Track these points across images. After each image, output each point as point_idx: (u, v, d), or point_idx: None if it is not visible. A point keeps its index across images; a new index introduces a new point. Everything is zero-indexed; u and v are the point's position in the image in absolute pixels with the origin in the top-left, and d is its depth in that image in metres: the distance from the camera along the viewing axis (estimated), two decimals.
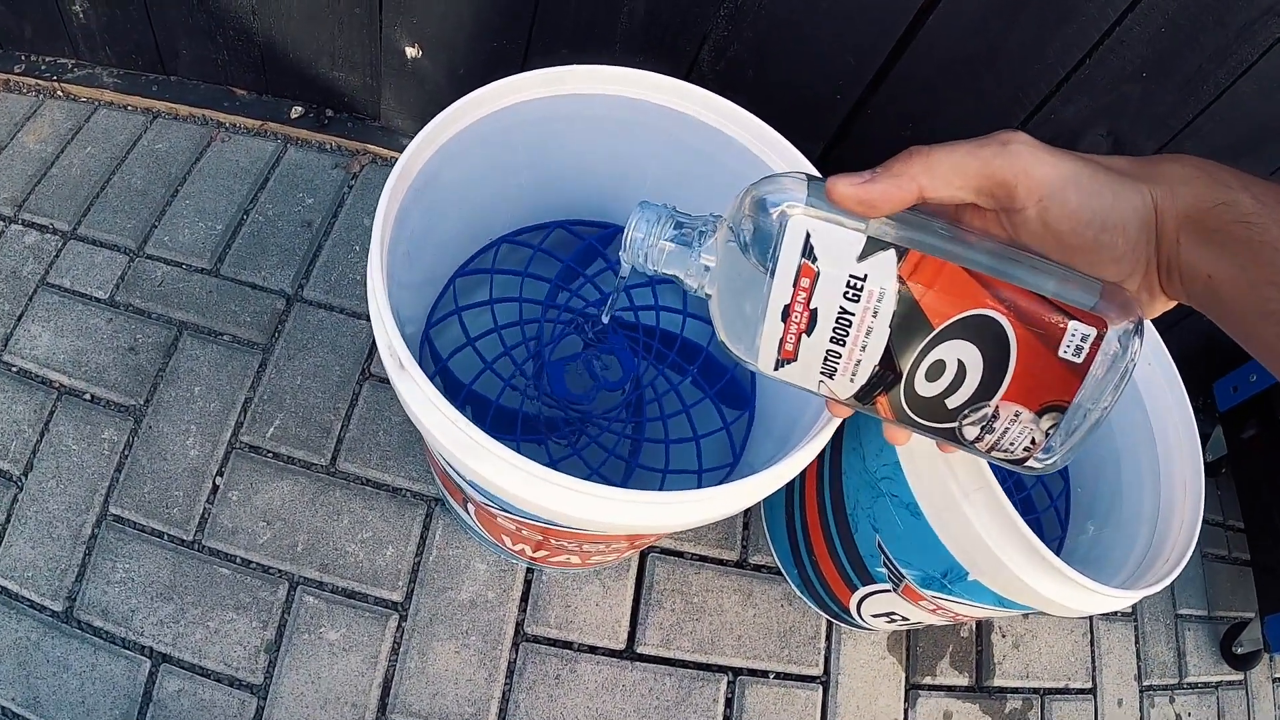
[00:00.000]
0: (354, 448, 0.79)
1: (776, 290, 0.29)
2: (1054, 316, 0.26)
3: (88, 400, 0.81)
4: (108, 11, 0.93)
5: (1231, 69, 0.77)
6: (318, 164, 0.92)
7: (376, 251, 0.46)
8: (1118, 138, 0.86)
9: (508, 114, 0.58)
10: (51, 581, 0.74)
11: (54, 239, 0.89)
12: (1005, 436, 0.29)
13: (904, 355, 0.28)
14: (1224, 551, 1.13)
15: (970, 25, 0.76)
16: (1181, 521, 0.66)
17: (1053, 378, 0.27)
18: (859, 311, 0.28)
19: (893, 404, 0.30)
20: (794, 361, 0.31)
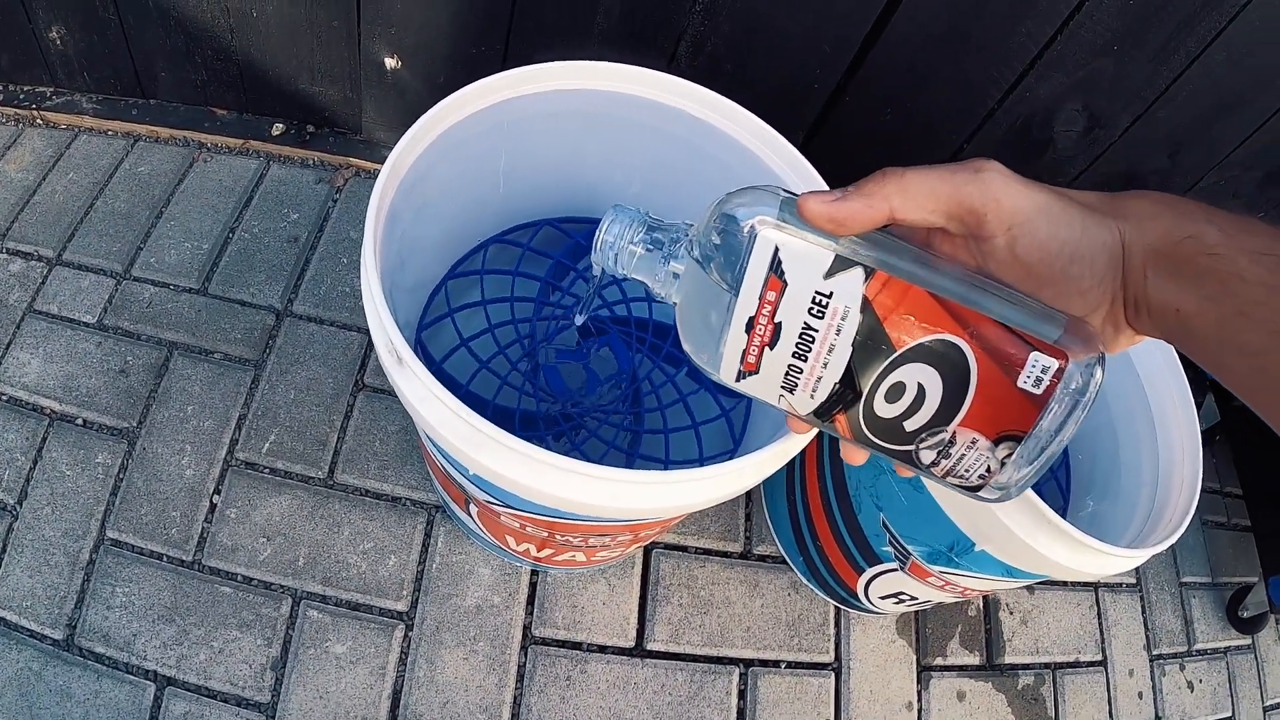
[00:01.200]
0: (351, 459, 0.78)
1: (742, 302, 0.29)
2: (1016, 346, 0.26)
3: (80, 425, 0.80)
4: (85, 37, 0.93)
5: (1201, 37, 0.78)
6: (301, 180, 0.92)
7: (370, 248, 0.46)
8: (1093, 112, 0.88)
9: (491, 113, 0.58)
10: (51, 609, 0.73)
11: (39, 266, 0.88)
12: (961, 463, 0.29)
13: (865, 375, 0.28)
14: (1223, 518, 1.13)
15: (942, 7, 0.77)
16: (1182, 482, 0.66)
17: (1011, 407, 0.27)
18: (822, 328, 0.28)
19: (851, 423, 0.30)
20: (756, 374, 0.31)
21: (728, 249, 0.29)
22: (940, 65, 0.83)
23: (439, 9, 0.78)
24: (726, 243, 0.29)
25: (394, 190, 0.51)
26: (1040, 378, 0.26)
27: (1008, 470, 0.28)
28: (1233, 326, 0.23)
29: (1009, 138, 0.89)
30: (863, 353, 0.28)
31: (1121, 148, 0.91)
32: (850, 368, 0.29)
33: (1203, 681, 0.97)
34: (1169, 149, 0.92)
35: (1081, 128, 0.89)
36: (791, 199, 0.28)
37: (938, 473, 0.30)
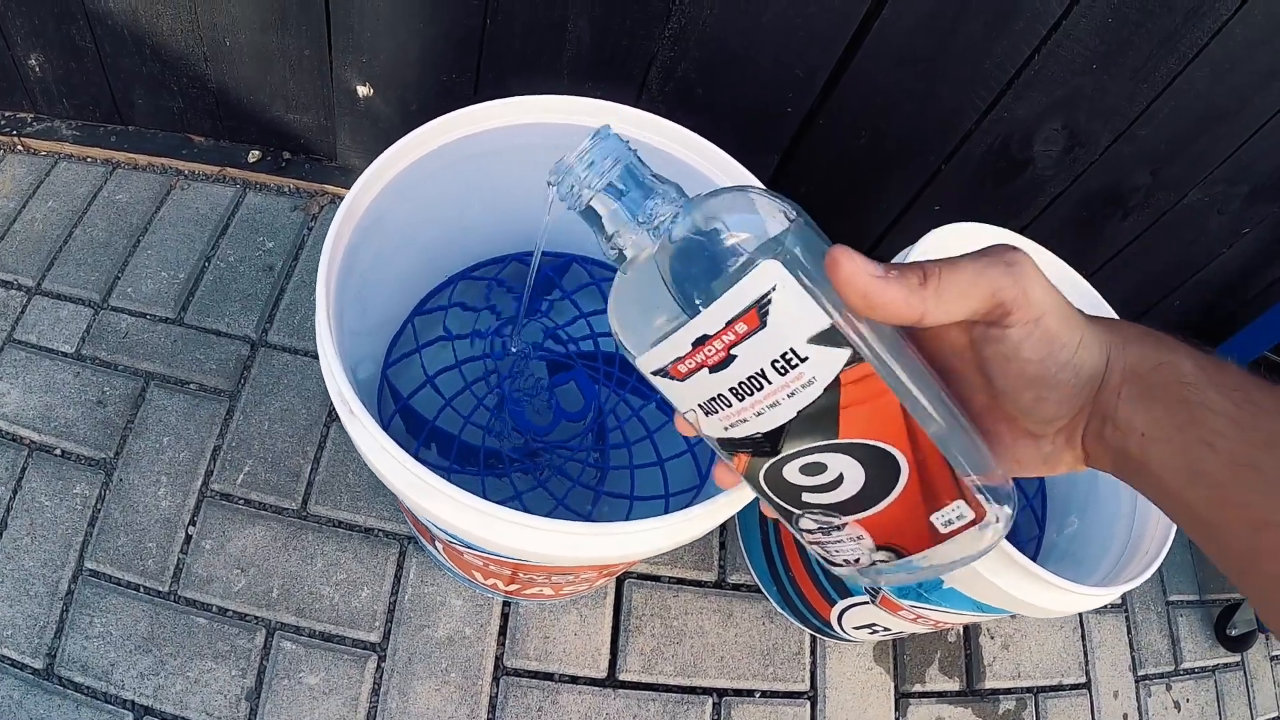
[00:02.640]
0: (324, 490, 0.79)
1: (704, 318, 0.26)
2: (948, 486, 0.26)
3: (58, 455, 0.80)
4: (63, 64, 0.93)
5: (1182, 54, 0.77)
6: (277, 207, 0.92)
7: (323, 297, 0.46)
8: (1073, 131, 0.87)
9: (452, 149, 0.58)
10: (31, 639, 0.73)
11: (19, 295, 0.89)
12: (835, 545, 0.29)
13: (793, 442, 0.27)
14: None
15: (915, 28, 0.76)
16: (1159, 513, 0.65)
17: (914, 530, 0.27)
18: (777, 384, 0.26)
19: (750, 467, 0.29)
20: (678, 381, 0.28)
21: (711, 256, 0.26)
22: (915, 88, 0.82)
23: (409, 38, 0.78)
24: (712, 248, 0.26)
25: (349, 234, 0.51)
26: (953, 521, 0.26)
27: (876, 571, 0.28)
28: (1195, 455, 0.23)
29: (988, 158, 0.89)
30: (804, 424, 0.26)
31: (1103, 165, 0.90)
32: (782, 430, 0.27)
33: (1190, 701, 0.96)
34: (1151, 166, 0.91)
35: (1061, 147, 0.88)
36: (811, 236, 0.25)
37: (807, 539, 0.29)
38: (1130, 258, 1.02)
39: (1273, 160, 0.89)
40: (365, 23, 0.78)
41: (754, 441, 0.28)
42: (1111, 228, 0.98)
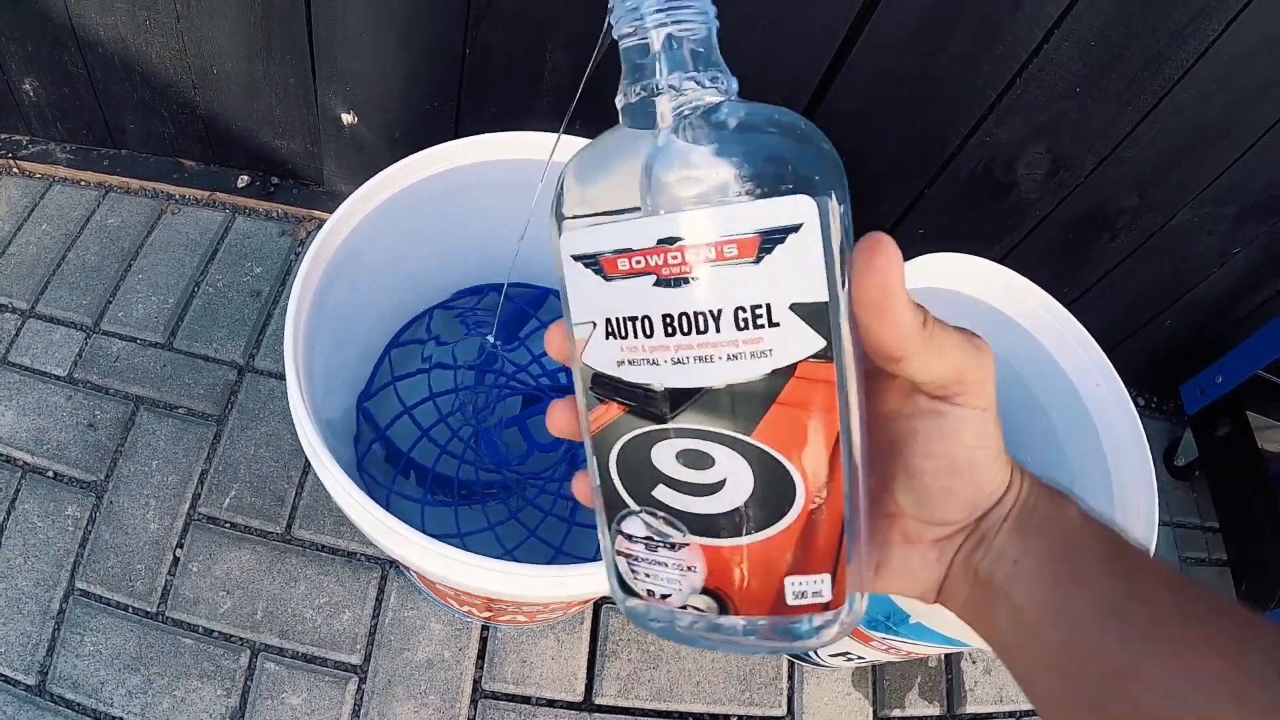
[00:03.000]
0: (308, 515, 0.83)
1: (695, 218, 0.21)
2: (824, 553, 0.22)
3: (50, 478, 0.85)
4: (56, 89, 0.98)
5: (1168, 77, 0.80)
6: (265, 233, 0.97)
7: (290, 347, 0.50)
8: (1056, 155, 0.90)
9: (424, 186, 0.62)
10: (24, 656, 0.78)
11: (13, 318, 0.94)
12: (653, 568, 0.24)
13: (696, 416, 0.22)
14: (1203, 554, 1.15)
15: (895, 52, 0.79)
16: (1138, 522, 0.69)
17: (759, 586, 0.23)
18: (725, 337, 0.21)
19: (613, 428, 0.23)
20: (601, 277, 0.22)
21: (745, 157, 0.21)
22: (897, 112, 0.86)
23: (391, 68, 0.82)
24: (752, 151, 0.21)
25: (318, 277, 0.55)
26: (806, 595, 0.22)
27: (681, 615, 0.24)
28: (1064, 592, 0.24)
29: (972, 182, 0.92)
30: (725, 400, 0.21)
31: (1088, 188, 0.93)
32: (694, 394, 0.22)
33: None
34: (1138, 188, 0.94)
35: (1046, 170, 0.91)
36: (849, 208, 0.22)
37: (620, 544, 0.24)
38: (1119, 278, 1.05)
39: (1262, 180, 0.92)
40: (348, 52, 0.83)
41: (645, 395, 0.22)
42: (1099, 249, 1.01)
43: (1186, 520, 1.17)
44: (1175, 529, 1.15)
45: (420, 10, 0.79)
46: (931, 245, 1.02)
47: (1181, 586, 0.24)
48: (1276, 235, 1.00)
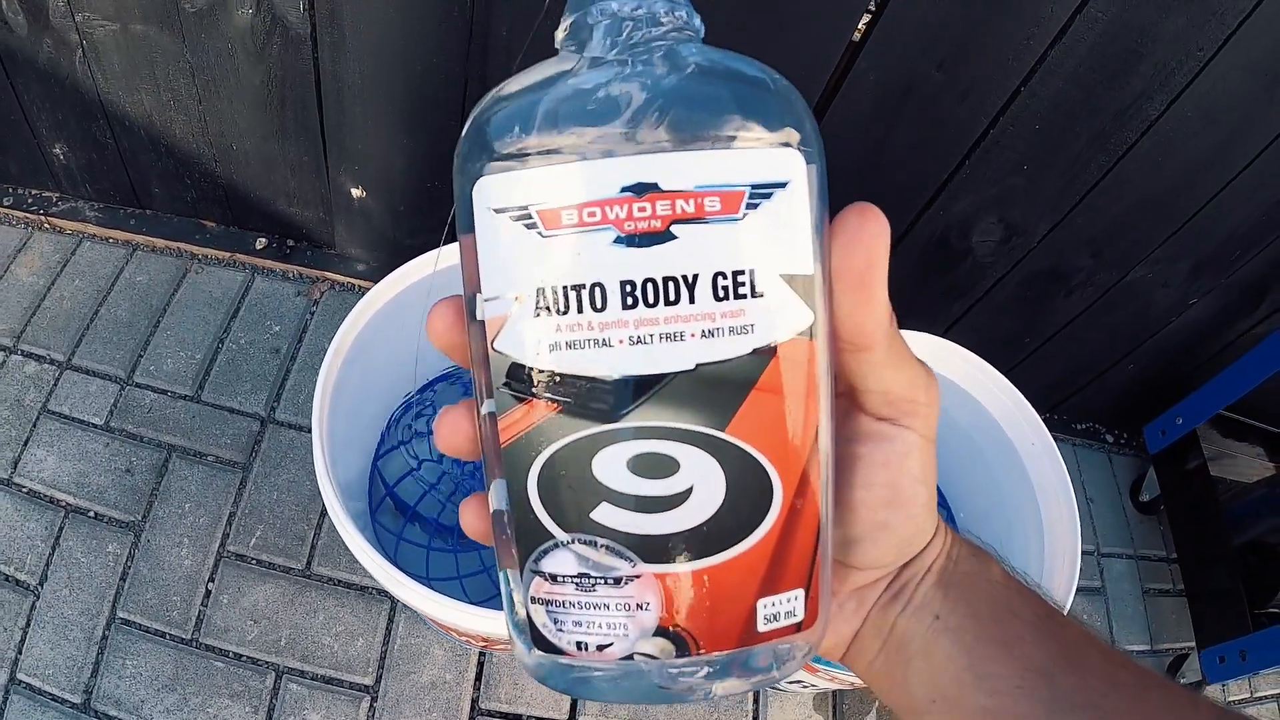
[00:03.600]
0: (326, 553, 1.00)
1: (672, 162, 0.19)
2: (799, 565, 0.21)
3: (92, 518, 1.02)
4: (85, 155, 1.15)
5: (1113, 151, 0.94)
6: (282, 293, 1.13)
7: (318, 437, 0.66)
8: (1009, 224, 1.04)
9: (411, 290, 0.78)
10: (70, 677, 0.95)
11: (51, 369, 1.10)
12: (588, 613, 0.20)
13: (656, 409, 0.19)
14: (1168, 586, 1.30)
15: (851, 139, 0.94)
16: (1057, 590, 0.84)
17: (729, 614, 0.20)
18: (700, 308, 0.19)
19: (537, 434, 0.20)
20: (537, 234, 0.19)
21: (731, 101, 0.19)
22: (853, 190, 1.00)
23: (393, 151, 0.98)
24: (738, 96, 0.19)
25: (338, 367, 0.71)
26: (779, 617, 0.21)
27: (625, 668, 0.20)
28: (988, 653, 0.23)
29: (929, 248, 1.06)
30: (693, 387, 0.19)
31: (1042, 251, 1.07)
32: (655, 382, 0.19)
33: None
34: (1091, 250, 1.08)
35: (999, 237, 1.06)
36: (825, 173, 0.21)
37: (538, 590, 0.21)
38: (1080, 328, 1.19)
39: (1214, 239, 1.05)
40: (355, 136, 0.98)
41: (589, 387, 0.19)
42: (1057, 304, 1.15)
43: (1152, 553, 1.31)
44: (1140, 561, 1.30)
45: (420, 99, 0.94)
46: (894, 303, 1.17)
47: (1112, 656, 0.24)
48: (1231, 287, 1.14)
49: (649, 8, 0.20)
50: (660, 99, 0.19)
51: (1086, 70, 0.83)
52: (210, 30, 0.94)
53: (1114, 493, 1.33)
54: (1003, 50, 0.82)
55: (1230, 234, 1.04)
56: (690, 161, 0.18)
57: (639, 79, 0.19)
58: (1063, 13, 0.80)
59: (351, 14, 0.87)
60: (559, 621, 0.21)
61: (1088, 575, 1.24)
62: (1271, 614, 1.13)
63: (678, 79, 0.19)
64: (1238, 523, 1.18)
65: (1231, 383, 1.18)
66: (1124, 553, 1.28)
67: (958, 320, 1.17)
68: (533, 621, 0.21)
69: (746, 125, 0.19)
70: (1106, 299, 1.15)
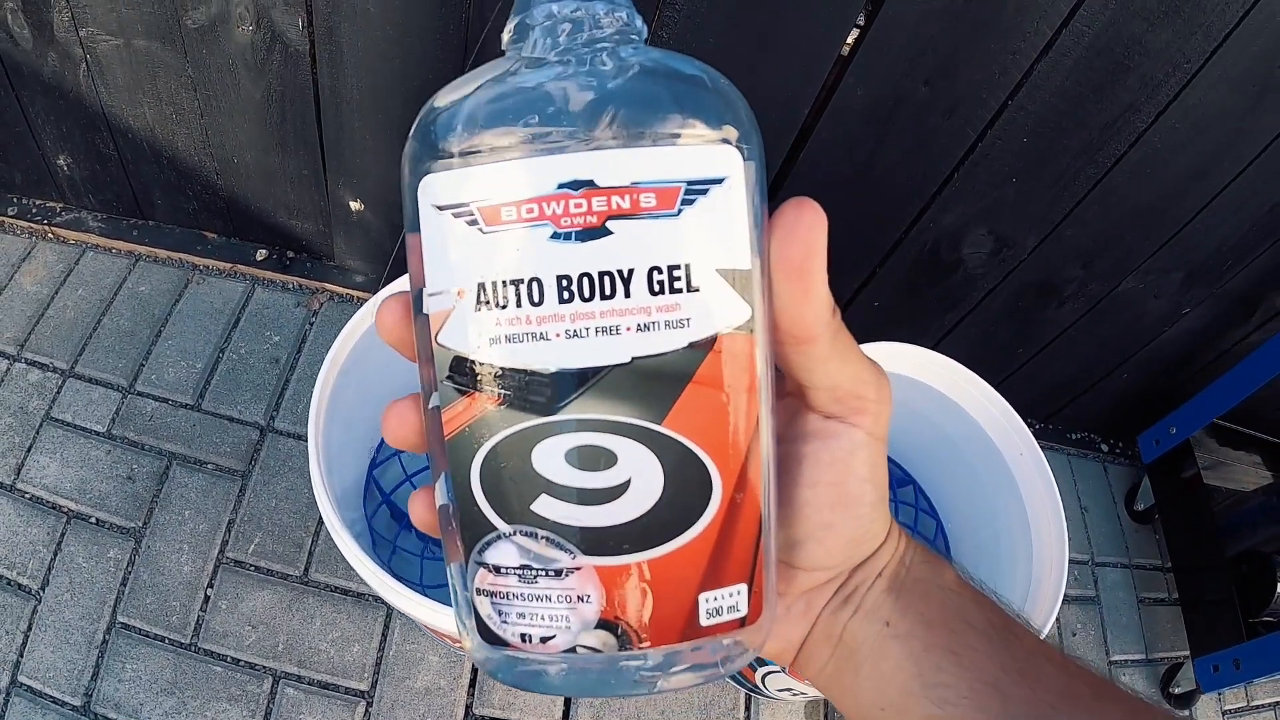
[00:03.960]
0: (323, 560, 1.02)
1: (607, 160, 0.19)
2: (740, 559, 0.21)
3: (93, 524, 1.05)
4: (89, 166, 1.18)
5: (1101, 164, 0.96)
6: (282, 303, 1.16)
7: (314, 452, 0.69)
8: (999, 235, 1.07)
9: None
10: (70, 680, 0.98)
11: (54, 377, 1.14)
12: (531, 605, 0.21)
13: (594, 402, 0.20)
14: (1163, 595, 1.31)
15: (840, 154, 0.96)
16: (1043, 599, 0.86)
17: (670, 607, 0.21)
18: (636, 302, 0.19)
19: (479, 426, 0.20)
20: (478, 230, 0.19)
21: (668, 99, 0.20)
22: (844, 205, 1.03)
23: (392, 164, 1.01)
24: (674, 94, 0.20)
25: (334, 377, 0.74)
26: (722, 611, 0.21)
27: (568, 660, 0.21)
28: (938, 662, 0.23)
29: (920, 261, 1.09)
30: (630, 380, 0.19)
31: (1033, 263, 1.10)
32: (591, 375, 0.19)
33: None
34: (1081, 261, 1.10)
35: (989, 249, 1.08)
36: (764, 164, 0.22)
37: (482, 582, 0.21)
38: (1073, 338, 1.22)
39: (1204, 249, 1.08)
40: (354, 151, 1.01)
41: (527, 380, 0.20)
42: (1049, 315, 1.18)
43: (1147, 562, 1.33)
44: (1135, 570, 1.32)
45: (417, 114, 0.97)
46: (886, 315, 1.20)
47: (1067, 667, 0.23)
48: (1223, 296, 1.16)
49: (588, 10, 0.21)
50: (598, 98, 0.19)
51: (1073, 84, 0.86)
52: (211, 46, 0.97)
53: (1109, 502, 1.35)
54: (989, 66, 0.84)
55: (1221, 244, 1.06)
56: (626, 158, 0.19)
57: (576, 79, 0.20)
58: (1048, 28, 0.82)
59: (349, 31, 0.90)
60: (503, 614, 0.21)
61: (1082, 584, 1.26)
62: (1265, 623, 1.15)
63: (616, 78, 0.20)
64: (1231, 531, 1.20)
65: (1225, 392, 1.20)
66: (1119, 562, 1.30)
67: (950, 331, 1.19)
68: (478, 614, 0.22)
69: (685, 123, 0.19)
70: (1098, 310, 1.17)
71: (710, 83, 0.21)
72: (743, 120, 0.21)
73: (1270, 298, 1.18)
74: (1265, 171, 0.94)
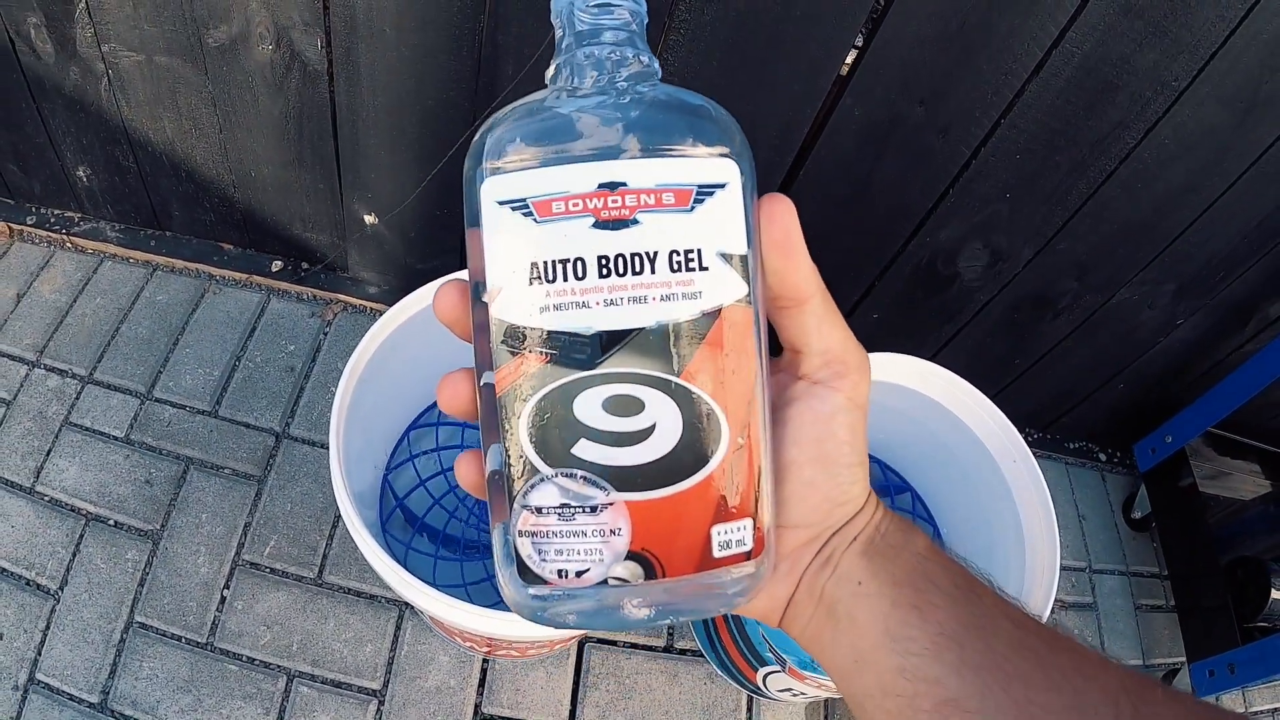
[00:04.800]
0: (337, 563, 1.08)
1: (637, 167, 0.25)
2: (746, 496, 0.26)
3: (112, 526, 1.11)
4: (108, 178, 1.24)
5: (1093, 179, 1.01)
6: (296, 314, 1.23)
7: (335, 456, 0.74)
8: (994, 249, 1.12)
9: (420, 316, 0.86)
10: (88, 678, 1.03)
11: (74, 383, 1.20)
12: (569, 541, 0.25)
13: (626, 358, 0.25)
14: (1160, 601, 1.37)
15: (840, 165, 1.01)
16: (1035, 604, 0.91)
17: (687, 539, 0.25)
18: (660, 277, 0.25)
19: (532, 381, 0.25)
20: (533, 221, 0.25)
21: (679, 121, 0.26)
22: (843, 221, 1.09)
23: (405, 180, 1.07)
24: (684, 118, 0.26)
25: (353, 386, 0.80)
26: (731, 544, 0.26)
27: (601, 593, 0.25)
28: (903, 618, 0.26)
29: (917, 274, 1.15)
30: (654, 340, 0.25)
31: (1028, 275, 1.15)
32: (624, 335, 0.24)
33: None
34: (1076, 273, 1.16)
35: (985, 262, 1.14)
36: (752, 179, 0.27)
37: (524, 524, 0.25)
38: (1068, 349, 1.27)
39: (1198, 261, 1.13)
40: (369, 166, 1.08)
41: (571, 341, 0.25)
42: (1045, 326, 1.23)
43: (1144, 569, 1.39)
44: (1132, 577, 1.37)
45: (431, 133, 1.03)
46: (885, 327, 1.26)
47: (1023, 622, 0.27)
48: (1217, 307, 1.21)
49: (619, 54, 0.27)
50: (628, 121, 0.25)
51: (1064, 103, 0.91)
52: (231, 64, 1.03)
53: (1107, 510, 1.41)
54: (981, 86, 0.90)
55: (1212, 257, 1.11)
56: (652, 166, 0.25)
57: (612, 107, 0.26)
58: (1038, 50, 0.87)
59: (367, 52, 0.97)
60: (542, 552, 0.25)
61: (1080, 591, 1.31)
62: (1260, 628, 1.20)
63: (640, 107, 0.26)
64: (1226, 538, 1.26)
65: (1219, 401, 1.25)
66: (1116, 569, 1.35)
67: (948, 342, 1.25)
68: (519, 556, 0.26)
69: (694, 141, 0.25)
70: (1093, 321, 1.23)
71: (712, 112, 0.27)
72: (738, 141, 0.26)
73: (1264, 307, 1.23)
74: (1254, 186, 0.99)
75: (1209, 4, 0.80)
